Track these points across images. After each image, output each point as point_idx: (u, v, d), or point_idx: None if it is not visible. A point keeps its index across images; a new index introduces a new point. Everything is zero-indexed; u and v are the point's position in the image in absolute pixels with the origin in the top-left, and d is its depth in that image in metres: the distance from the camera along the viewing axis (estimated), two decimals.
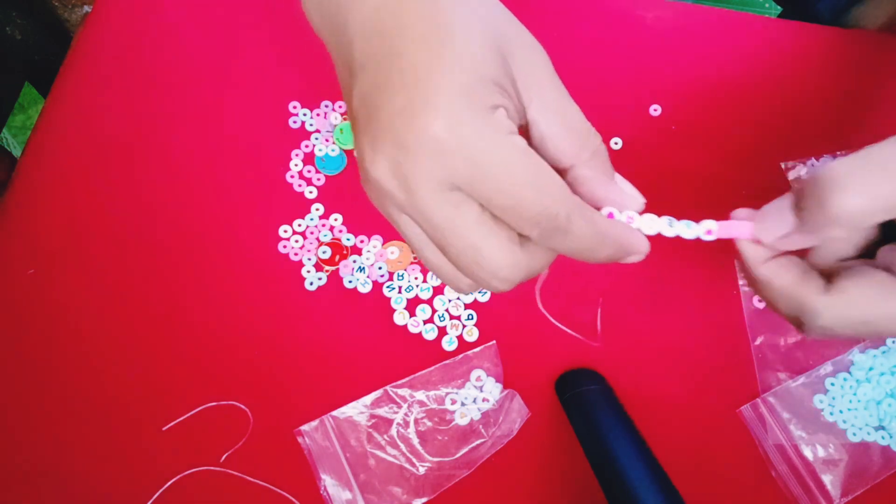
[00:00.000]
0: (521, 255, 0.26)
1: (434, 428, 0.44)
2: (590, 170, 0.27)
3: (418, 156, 0.24)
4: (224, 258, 0.47)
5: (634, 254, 0.29)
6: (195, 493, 0.43)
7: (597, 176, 0.28)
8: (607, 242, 0.27)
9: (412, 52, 0.25)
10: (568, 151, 0.27)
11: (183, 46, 0.52)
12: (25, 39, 0.60)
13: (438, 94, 0.24)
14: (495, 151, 0.24)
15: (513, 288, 0.27)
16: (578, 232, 0.26)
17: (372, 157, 0.25)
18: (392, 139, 0.24)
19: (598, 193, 0.28)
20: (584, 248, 0.27)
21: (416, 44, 0.25)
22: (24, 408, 0.44)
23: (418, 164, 0.24)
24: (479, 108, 0.24)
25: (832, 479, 0.43)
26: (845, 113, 0.50)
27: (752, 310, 0.46)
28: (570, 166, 0.27)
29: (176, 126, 0.50)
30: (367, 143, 0.25)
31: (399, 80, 0.24)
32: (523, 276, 0.27)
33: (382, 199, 0.26)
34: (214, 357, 0.45)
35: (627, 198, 0.29)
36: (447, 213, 0.25)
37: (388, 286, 0.46)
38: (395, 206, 0.26)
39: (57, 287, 0.46)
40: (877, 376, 0.44)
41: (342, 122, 0.50)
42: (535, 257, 0.27)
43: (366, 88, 0.26)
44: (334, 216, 0.48)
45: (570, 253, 0.27)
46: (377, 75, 0.25)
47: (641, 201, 0.29)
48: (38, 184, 0.49)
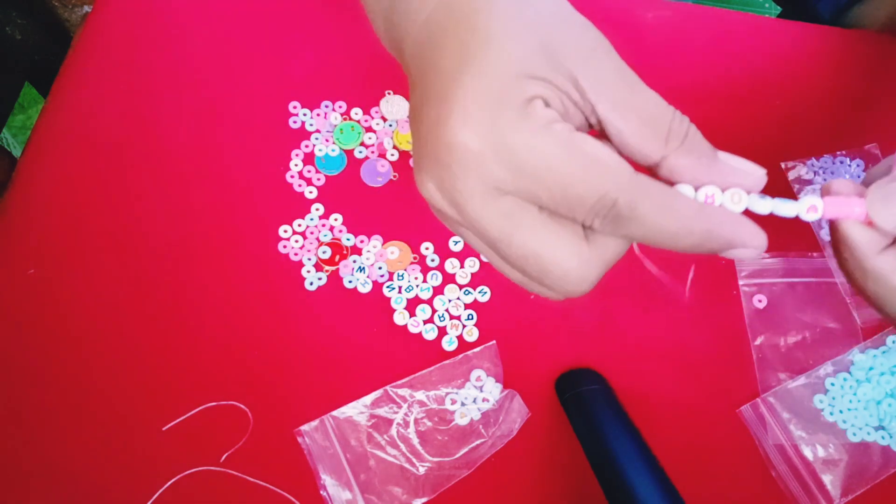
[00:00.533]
0: (589, 253, 0.24)
1: (434, 428, 0.44)
2: (684, 157, 0.24)
3: (455, 169, 0.23)
4: (224, 258, 0.47)
5: (738, 246, 0.24)
6: (195, 493, 0.43)
7: (694, 162, 0.24)
8: (689, 229, 0.23)
9: (446, 63, 0.24)
10: (652, 144, 0.24)
11: (183, 46, 0.52)
12: (25, 39, 0.60)
13: (465, 100, 0.22)
14: (533, 146, 0.22)
15: (591, 288, 0.25)
16: (647, 218, 0.23)
17: (419, 178, 0.24)
18: (431, 156, 0.23)
19: (702, 180, 0.24)
20: (657, 235, 0.23)
21: (451, 53, 0.24)
22: (24, 408, 0.44)
23: (458, 178, 0.23)
24: (510, 106, 0.22)
25: (832, 479, 0.43)
26: (845, 113, 0.50)
27: (752, 310, 0.46)
28: (662, 158, 0.24)
29: (176, 126, 0.50)
30: (414, 162, 0.25)
31: (434, 90, 0.23)
32: (597, 273, 0.25)
33: (440, 217, 0.25)
34: (214, 357, 0.45)
35: (740, 175, 0.24)
36: (500, 225, 0.23)
37: (388, 286, 0.46)
38: (453, 223, 0.25)
39: (57, 287, 0.46)
40: (877, 376, 0.44)
41: (342, 122, 0.50)
42: (607, 248, 0.25)
43: (415, 104, 0.25)
44: (334, 216, 0.48)
45: (645, 240, 0.24)
46: (422, 90, 0.24)
47: (759, 174, 0.25)
48: (38, 184, 0.49)
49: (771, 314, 0.46)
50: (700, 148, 0.24)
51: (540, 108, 0.23)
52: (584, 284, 0.24)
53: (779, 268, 0.47)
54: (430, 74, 0.24)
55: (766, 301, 0.46)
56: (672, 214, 0.23)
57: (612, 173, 0.23)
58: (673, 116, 0.24)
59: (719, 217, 0.24)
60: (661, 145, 0.24)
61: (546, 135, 0.22)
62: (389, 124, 0.50)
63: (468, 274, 0.47)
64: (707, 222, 0.23)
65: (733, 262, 0.47)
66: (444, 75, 0.23)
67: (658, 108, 0.24)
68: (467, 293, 0.46)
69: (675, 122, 0.24)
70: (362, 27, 0.52)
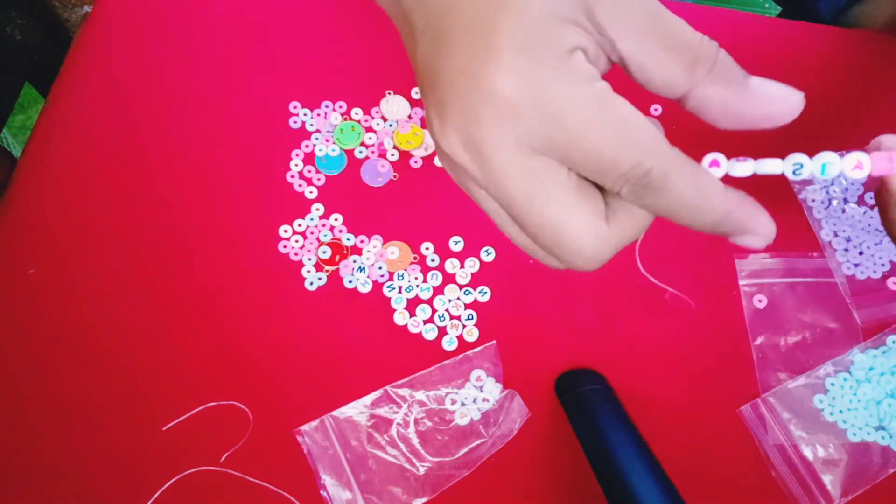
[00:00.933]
0: (607, 231, 0.23)
1: (434, 428, 0.44)
2: (715, 85, 0.22)
3: (488, 119, 0.21)
4: (224, 258, 0.47)
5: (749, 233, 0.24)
6: (195, 493, 0.43)
7: (726, 92, 0.23)
8: (711, 207, 0.23)
9: (470, 6, 0.22)
10: (678, 73, 0.22)
11: (183, 46, 0.52)
12: (25, 39, 0.60)
13: (503, 43, 0.21)
14: (575, 101, 0.21)
15: (600, 266, 0.24)
16: (676, 190, 0.22)
17: (440, 130, 0.23)
18: (458, 105, 0.22)
19: (734, 110, 0.23)
20: (681, 209, 0.23)
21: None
22: (25, 408, 0.44)
23: (490, 130, 0.21)
24: (552, 55, 0.21)
25: (832, 479, 0.43)
26: (845, 113, 0.50)
27: (753, 310, 0.46)
28: (689, 90, 0.23)
29: (176, 126, 0.50)
30: (433, 113, 0.23)
31: (459, 34, 0.22)
32: (610, 252, 0.24)
33: (458, 174, 0.24)
34: (214, 357, 0.45)
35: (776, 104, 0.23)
36: (524, 185, 0.22)
37: (388, 286, 0.46)
38: (471, 181, 0.24)
39: (57, 287, 0.46)
40: (877, 376, 0.44)
41: (342, 122, 0.50)
42: (623, 228, 0.24)
43: (427, 50, 0.23)
44: (334, 216, 0.48)
45: (667, 214, 0.23)
46: (438, 33, 0.23)
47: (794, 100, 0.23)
48: (38, 184, 0.49)
49: (771, 314, 0.46)
50: (732, 75, 0.23)
51: (582, 61, 0.21)
52: (595, 263, 0.24)
53: (779, 268, 0.47)
54: (453, 16, 0.22)
55: (767, 301, 0.46)
56: (699, 191, 0.22)
57: (649, 141, 0.22)
58: (701, 40, 0.23)
59: (739, 201, 0.23)
60: (689, 72, 0.22)
61: (588, 93, 0.21)
62: (390, 124, 0.50)
63: (468, 274, 0.47)
64: (729, 204, 0.23)
65: (734, 262, 0.47)
66: (475, 17, 0.21)
67: (682, 30, 0.23)
68: (467, 293, 0.46)
69: (704, 46, 0.23)
70: (363, 27, 0.52)
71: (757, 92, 0.23)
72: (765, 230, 0.24)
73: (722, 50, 0.23)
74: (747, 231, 0.24)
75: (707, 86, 0.22)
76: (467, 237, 0.47)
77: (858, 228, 0.47)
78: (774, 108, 0.23)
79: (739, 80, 0.23)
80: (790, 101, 0.23)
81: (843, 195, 0.48)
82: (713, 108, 0.23)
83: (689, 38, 0.22)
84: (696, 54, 0.22)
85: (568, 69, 0.21)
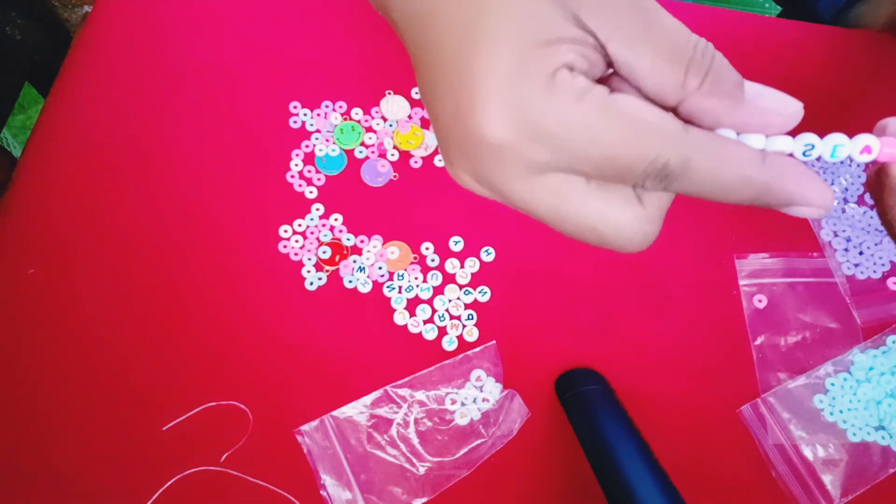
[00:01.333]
0: (645, 212, 0.22)
1: (434, 428, 0.44)
2: (707, 98, 0.22)
3: (489, 162, 0.21)
4: (224, 258, 0.47)
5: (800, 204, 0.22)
6: (195, 493, 0.43)
7: (718, 106, 0.22)
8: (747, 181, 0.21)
9: (448, 40, 0.21)
10: (668, 83, 0.21)
11: (183, 46, 0.52)
12: (25, 39, 0.60)
13: (483, 85, 0.20)
14: (570, 123, 0.20)
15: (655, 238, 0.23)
16: (702, 172, 0.21)
17: (450, 168, 0.23)
18: (459, 148, 0.22)
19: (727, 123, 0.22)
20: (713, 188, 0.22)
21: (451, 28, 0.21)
22: (24, 408, 0.44)
23: (494, 170, 0.21)
24: (535, 83, 0.20)
25: (832, 479, 0.43)
26: (845, 113, 0.50)
27: (752, 310, 0.46)
28: (681, 101, 0.22)
29: (176, 126, 0.50)
30: (442, 151, 0.23)
31: (442, 78, 0.21)
32: (657, 226, 0.23)
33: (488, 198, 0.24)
34: (214, 357, 0.45)
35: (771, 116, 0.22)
36: (547, 202, 0.22)
37: (388, 286, 0.46)
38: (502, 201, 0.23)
39: (57, 287, 0.46)
40: (877, 376, 0.44)
41: (342, 122, 0.50)
42: (662, 199, 0.23)
43: (423, 87, 0.23)
44: (334, 216, 0.48)
45: (700, 194, 0.22)
46: (427, 72, 0.22)
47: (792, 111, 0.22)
48: (38, 184, 0.49)
49: (771, 314, 0.46)
50: (724, 86, 0.22)
51: (567, 80, 0.20)
52: (647, 242, 0.23)
53: (779, 268, 0.47)
54: (433, 53, 0.22)
55: (767, 301, 0.46)
56: (728, 166, 0.21)
57: (659, 134, 0.21)
58: (695, 47, 0.21)
59: (780, 169, 0.22)
60: (679, 84, 0.21)
61: (581, 107, 0.20)
62: (390, 124, 0.50)
63: (468, 274, 0.47)
64: (767, 174, 0.21)
65: (733, 262, 0.47)
66: (452, 57, 0.21)
67: (675, 36, 0.21)
68: (467, 293, 0.46)
69: (698, 54, 0.21)
70: (362, 27, 0.52)
71: (751, 104, 0.22)
72: (819, 198, 0.22)
73: (718, 54, 0.22)
74: (795, 202, 0.22)
75: (699, 98, 0.22)
76: (467, 237, 0.47)
77: (858, 228, 0.47)
78: (769, 119, 0.22)
79: (733, 93, 0.22)
80: (787, 111, 0.22)
81: (843, 195, 0.48)
82: (705, 119, 0.22)
83: (682, 43, 0.22)
84: (689, 62, 0.21)
85: (554, 92, 0.20)
